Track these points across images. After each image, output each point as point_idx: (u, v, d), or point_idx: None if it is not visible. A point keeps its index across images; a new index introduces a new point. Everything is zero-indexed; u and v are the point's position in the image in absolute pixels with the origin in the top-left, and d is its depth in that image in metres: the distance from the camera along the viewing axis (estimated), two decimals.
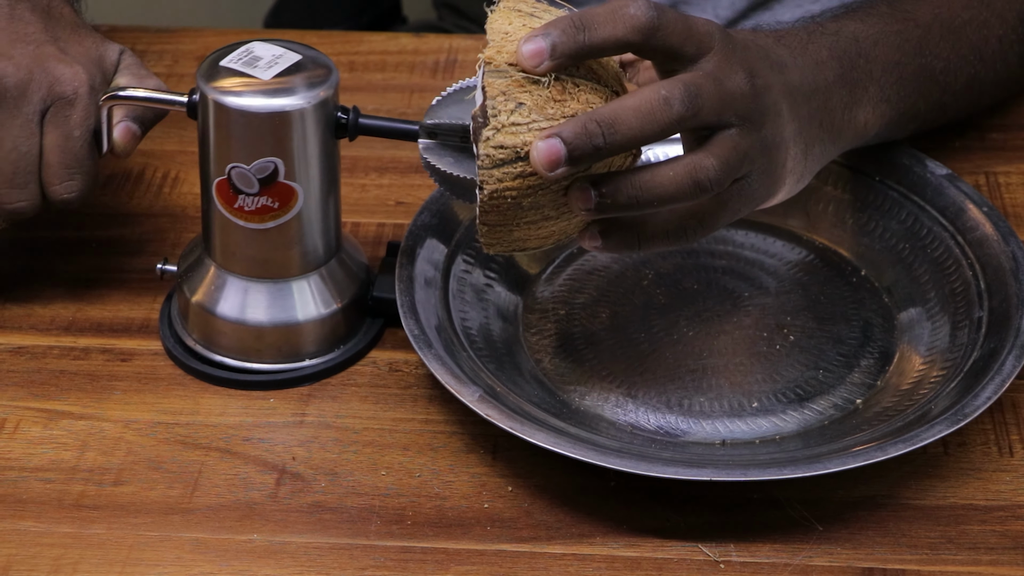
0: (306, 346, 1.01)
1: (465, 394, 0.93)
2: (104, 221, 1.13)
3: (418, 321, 0.98)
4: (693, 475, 0.90)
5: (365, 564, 0.91)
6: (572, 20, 0.89)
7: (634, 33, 0.90)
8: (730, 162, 0.91)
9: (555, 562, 0.91)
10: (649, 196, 0.90)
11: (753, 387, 1.01)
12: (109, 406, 1.00)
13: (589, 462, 0.90)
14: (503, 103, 0.89)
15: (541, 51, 0.89)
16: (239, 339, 1.01)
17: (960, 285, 1.04)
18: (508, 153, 0.89)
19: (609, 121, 0.88)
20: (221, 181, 0.97)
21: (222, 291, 1.01)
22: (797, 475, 0.90)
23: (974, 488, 0.95)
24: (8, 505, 0.94)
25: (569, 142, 0.88)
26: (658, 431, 0.98)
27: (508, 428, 0.92)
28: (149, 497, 0.95)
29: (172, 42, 1.30)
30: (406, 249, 1.03)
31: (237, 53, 0.98)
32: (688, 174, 0.90)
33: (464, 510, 0.94)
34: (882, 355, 1.03)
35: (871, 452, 0.91)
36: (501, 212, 0.91)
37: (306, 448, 0.98)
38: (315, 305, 1.01)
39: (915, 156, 1.10)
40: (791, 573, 0.90)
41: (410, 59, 1.29)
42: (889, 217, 1.09)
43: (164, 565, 0.91)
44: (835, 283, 1.08)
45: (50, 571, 0.90)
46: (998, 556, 0.91)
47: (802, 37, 1.01)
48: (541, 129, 0.89)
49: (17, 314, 1.06)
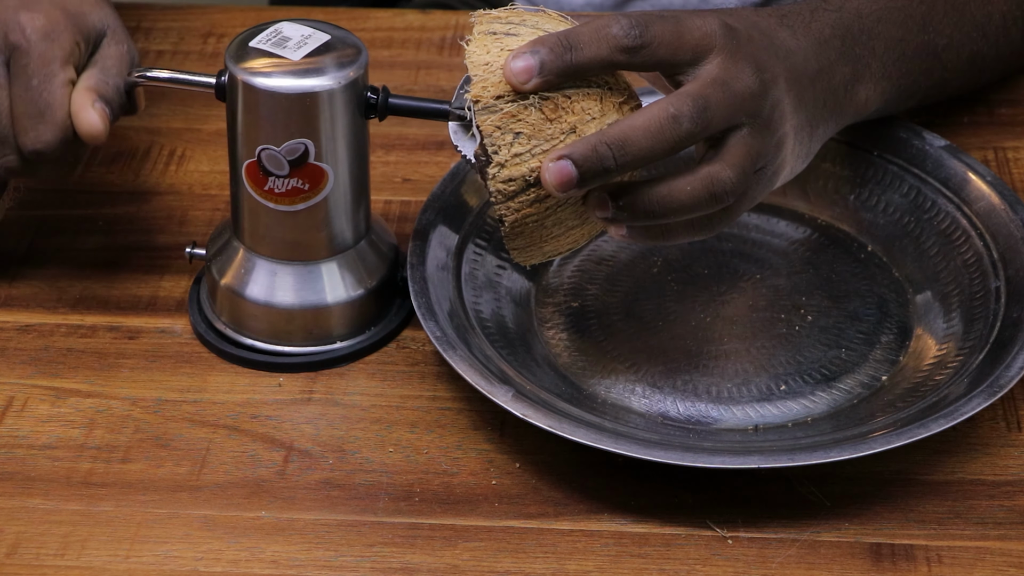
0: (336, 328, 1.01)
1: (498, 395, 0.93)
2: (110, 199, 1.13)
3: (438, 322, 0.97)
4: (739, 463, 0.90)
5: (373, 541, 0.91)
6: (560, 39, 0.90)
7: (618, 53, 0.90)
8: (745, 168, 0.92)
9: (563, 538, 0.91)
10: (667, 209, 0.91)
11: (779, 369, 1.00)
12: (116, 384, 1.00)
13: (636, 456, 0.90)
14: (500, 137, 0.90)
15: (530, 68, 0.89)
16: (269, 322, 1.01)
17: (972, 256, 1.04)
18: (518, 184, 0.90)
19: (619, 143, 0.89)
20: (251, 163, 0.97)
21: (251, 274, 1.00)
22: (845, 456, 0.90)
23: (982, 463, 0.95)
24: (16, 483, 0.94)
25: (580, 164, 0.88)
26: (688, 420, 0.97)
27: (547, 427, 0.91)
28: (157, 474, 0.95)
29: (179, 19, 1.30)
30: (415, 249, 1.01)
31: (266, 33, 0.97)
32: (705, 188, 0.91)
33: (472, 487, 0.94)
34: (901, 330, 1.03)
35: (915, 429, 0.91)
36: (526, 236, 0.92)
37: (314, 425, 0.98)
38: (344, 287, 1.01)
39: (912, 129, 1.09)
40: (799, 549, 0.90)
41: (416, 36, 1.29)
42: (891, 191, 1.09)
43: (172, 542, 0.91)
44: (844, 260, 1.08)
45: (59, 548, 0.90)
46: (1006, 531, 0.91)
47: (805, 15, 1.00)
48: (544, 152, 0.90)
49: (24, 292, 1.06)
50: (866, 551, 0.90)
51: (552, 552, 0.90)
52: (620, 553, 0.90)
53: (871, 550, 0.90)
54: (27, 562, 0.90)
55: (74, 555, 0.90)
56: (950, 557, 0.90)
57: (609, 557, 0.90)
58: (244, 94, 0.96)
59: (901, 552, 0.90)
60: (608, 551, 0.90)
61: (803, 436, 0.95)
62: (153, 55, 1.25)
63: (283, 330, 1.01)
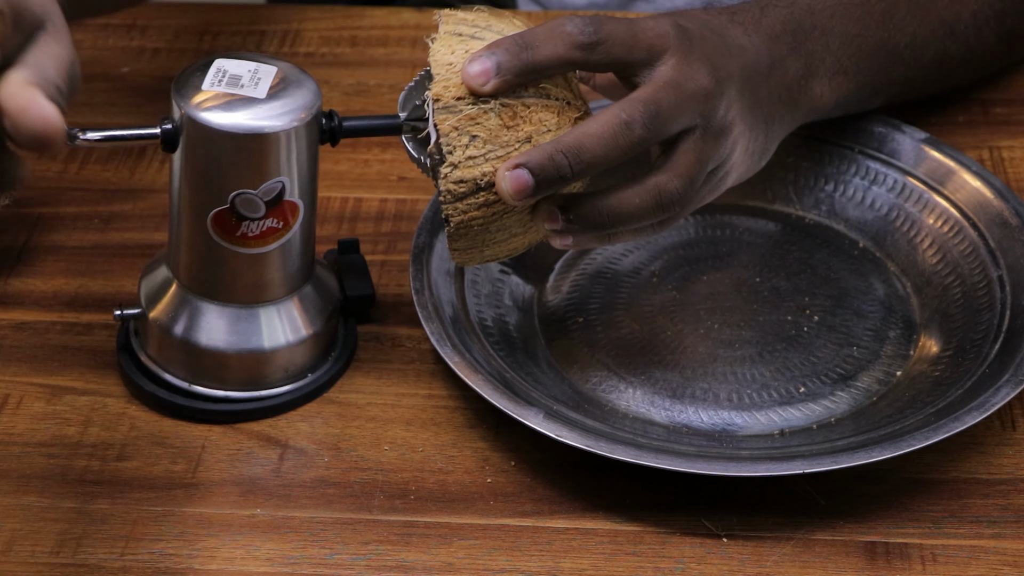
0: (276, 372, 0.98)
1: (529, 417, 0.92)
2: (106, 197, 1.13)
3: (456, 347, 0.96)
4: (784, 470, 0.89)
5: (368, 538, 0.91)
6: (515, 39, 0.90)
7: (573, 50, 0.90)
8: (693, 177, 0.92)
9: (558, 536, 0.91)
10: (615, 220, 0.91)
11: (795, 372, 1.00)
12: (112, 382, 1.00)
13: (676, 471, 0.90)
14: (456, 138, 0.90)
15: (487, 71, 0.90)
16: (217, 365, 0.98)
17: (968, 247, 1.04)
18: (469, 186, 0.90)
19: (574, 150, 0.89)
20: (220, 212, 0.93)
21: (204, 320, 0.97)
22: (886, 456, 0.90)
23: (977, 462, 0.95)
24: (12, 480, 0.94)
25: (537, 173, 0.89)
26: (714, 429, 0.97)
27: (585, 447, 0.90)
28: (152, 472, 0.95)
29: (174, 17, 1.30)
30: (416, 273, 1.00)
31: (211, 75, 0.92)
32: (653, 198, 0.91)
33: (467, 485, 0.94)
34: (906, 324, 1.03)
35: (949, 424, 0.91)
36: (470, 238, 0.92)
37: (309, 423, 0.98)
38: (303, 325, 0.98)
39: (890, 123, 1.09)
40: (794, 547, 0.90)
41: (412, 34, 1.29)
42: (876, 186, 1.09)
43: (167, 540, 0.91)
44: (839, 258, 1.08)
45: (54, 546, 0.90)
46: (1001, 530, 0.91)
47: (755, 11, 1.00)
48: (498, 158, 0.90)
49: (19, 290, 1.06)
50: (861, 550, 0.90)
51: (547, 550, 0.90)
52: (615, 551, 0.90)
53: (866, 549, 0.90)
54: (22, 560, 0.90)
55: (69, 553, 0.90)
56: (945, 556, 0.90)
57: (604, 555, 0.90)
58: (213, 140, 0.91)
59: (896, 551, 0.90)
60: (603, 549, 0.90)
61: (836, 437, 0.94)
62: (149, 52, 1.25)
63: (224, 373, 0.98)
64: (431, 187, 1.01)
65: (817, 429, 0.97)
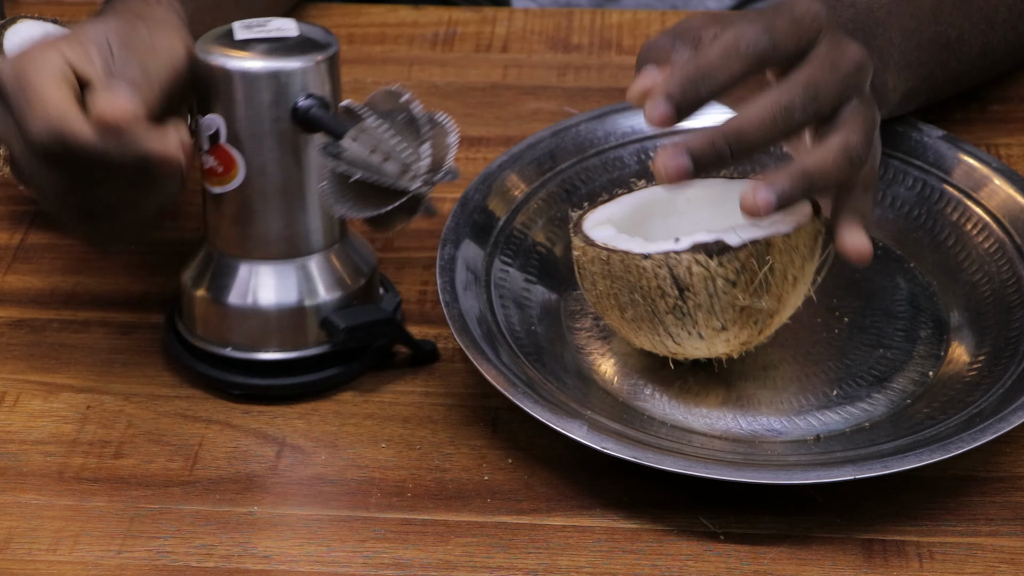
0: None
1: (572, 429, 0.91)
2: None
3: (492, 363, 0.94)
4: (835, 476, 0.89)
5: (365, 536, 0.91)
6: (689, 71, 0.90)
7: (752, 62, 0.90)
8: (867, 132, 0.92)
9: (555, 534, 0.91)
10: (820, 183, 0.91)
11: (830, 375, 0.99)
12: (109, 379, 1.00)
13: (723, 480, 0.89)
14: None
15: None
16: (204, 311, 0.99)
17: (994, 244, 1.03)
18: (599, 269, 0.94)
19: (735, 136, 0.90)
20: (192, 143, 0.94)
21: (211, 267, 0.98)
22: (935, 459, 0.89)
23: (973, 460, 0.95)
24: (9, 478, 0.94)
25: (697, 158, 0.89)
26: (754, 435, 0.96)
27: (632, 458, 0.89)
28: (149, 470, 0.95)
29: None
30: (444, 285, 0.99)
31: (256, 20, 0.95)
32: (844, 153, 0.91)
33: (464, 482, 0.94)
34: (936, 324, 1.02)
35: (996, 424, 0.91)
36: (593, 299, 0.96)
37: (306, 420, 0.98)
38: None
39: (908, 121, 1.09)
40: (791, 544, 0.90)
41: (409, 31, 1.29)
42: (896, 185, 1.08)
43: (164, 537, 0.91)
44: None
45: (51, 544, 0.90)
46: (997, 527, 0.91)
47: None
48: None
49: (16, 287, 1.06)
50: (858, 547, 0.90)
51: (544, 548, 0.90)
52: (612, 549, 0.90)
53: (863, 546, 0.90)
54: (19, 557, 0.90)
55: (66, 550, 0.90)
56: (941, 553, 0.90)
57: (601, 553, 0.90)
58: (193, 63, 0.93)
59: (892, 548, 0.90)
60: (600, 547, 0.90)
61: (879, 440, 0.93)
62: None
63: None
64: (437, 187, 0.99)
65: (855, 433, 0.95)
